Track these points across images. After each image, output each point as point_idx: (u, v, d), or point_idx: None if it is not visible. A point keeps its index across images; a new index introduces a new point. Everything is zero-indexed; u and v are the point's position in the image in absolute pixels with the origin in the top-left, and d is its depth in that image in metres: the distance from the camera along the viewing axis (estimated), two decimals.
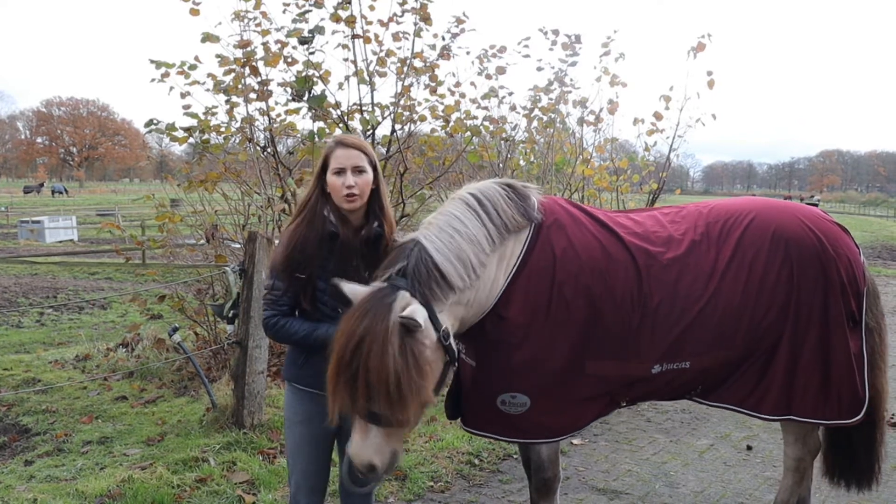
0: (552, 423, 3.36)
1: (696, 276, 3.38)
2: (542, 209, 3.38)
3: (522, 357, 3.22)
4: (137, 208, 34.88)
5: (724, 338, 3.39)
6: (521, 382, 3.25)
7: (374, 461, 2.81)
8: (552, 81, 9.08)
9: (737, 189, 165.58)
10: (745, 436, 6.05)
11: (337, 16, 6.84)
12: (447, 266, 3.03)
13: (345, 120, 7.10)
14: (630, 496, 4.87)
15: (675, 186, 14.37)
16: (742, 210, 3.59)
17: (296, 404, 3.18)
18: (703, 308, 3.35)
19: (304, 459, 3.19)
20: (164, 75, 6.80)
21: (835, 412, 3.50)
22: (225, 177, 6.89)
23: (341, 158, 3.02)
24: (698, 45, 9.06)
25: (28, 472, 4.99)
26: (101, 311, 13.60)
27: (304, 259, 2.99)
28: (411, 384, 2.75)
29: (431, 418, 6.15)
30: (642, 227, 3.53)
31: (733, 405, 3.56)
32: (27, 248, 25.79)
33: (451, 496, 4.82)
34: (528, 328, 3.21)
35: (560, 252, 3.27)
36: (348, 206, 3.03)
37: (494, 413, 3.34)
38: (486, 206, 3.24)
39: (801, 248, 3.43)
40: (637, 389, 3.47)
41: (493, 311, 3.22)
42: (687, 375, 3.44)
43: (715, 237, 3.48)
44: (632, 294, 3.32)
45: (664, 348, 3.34)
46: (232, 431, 5.54)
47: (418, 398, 2.79)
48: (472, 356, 3.36)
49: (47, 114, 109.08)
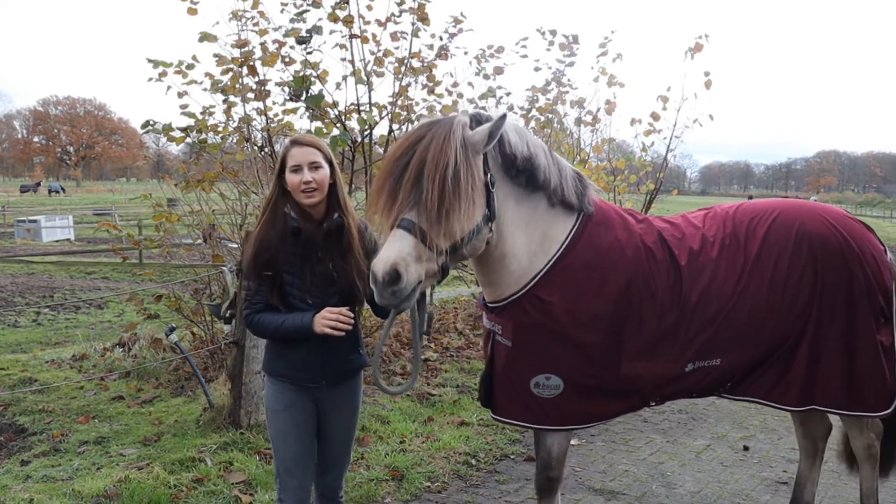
0: (580, 409, 3.39)
1: (727, 275, 3.44)
2: (593, 204, 3.43)
3: (562, 342, 3.27)
4: (134, 208, 34.86)
5: (753, 334, 3.46)
6: (558, 365, 3.29)
7: (400, 267, 2.74)
8: (550, 82, 9.08)
9: (734, 189, 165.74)
10: (741, 436, 6.06)
11: (335, 15, 6.83)
12: (513, 136, 3.15)
13: (342, 120, 7.09)
14: (627, 496, 4.87)
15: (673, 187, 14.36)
16: (766, 209, 3.64)
17: (277, 394, 3.29)
18: (734, 306, 3.41)
19: (289, 445, 3.28)
20: (161, 74, 6.78)
21: (861, 404, 3.59)
22: (222, 176, 6.87)
23: (297, 156, 3.14)
24: (696, 45, 9.07)
25: (24, 472, 4.98)
26: (97, 311, 13.59)
27: (269, 257, 3.13)
28: (468, 181, 2.84)
29: (428, 418, 6.15)
30: (679, 229, 3.59)
31: (758, 398, 3.63)
32: (24, 247, 25.76)
33: (448, 496, 4.82)
34: (571, 315, 3.25)
35: (606, 248, 3.32)
36: (308, 201, 3.14)
37: (526, 397, 3.36)
38: (558, 160, 3.35)
39: (825, 245, 3.48)
40: (669, 388, 3.52)
41: (533, 293, 3.25)
42: (717, 372, 3.51)
43: (742, 237, 3.54)
44: (671, 295, 3.37)
45: (697, 347, 3.41)
46: (229, 431, 5.54)
47: (470, 206, 2.85)
48: (510, 336, 3.35)
49: (44, 113, 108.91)
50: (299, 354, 3.22)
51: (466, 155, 2.89)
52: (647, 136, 9.78)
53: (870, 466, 4.01)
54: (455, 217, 2.82)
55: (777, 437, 6.01)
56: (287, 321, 3.13)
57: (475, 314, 10.34)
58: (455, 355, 8.29)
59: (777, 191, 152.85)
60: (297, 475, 3.30)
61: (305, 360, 3.23)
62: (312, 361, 3.23)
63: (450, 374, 7.53)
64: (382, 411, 6.20)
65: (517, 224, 3.23)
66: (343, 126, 7.02)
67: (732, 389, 3.64)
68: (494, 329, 3.43)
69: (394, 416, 6.12)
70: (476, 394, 6.90)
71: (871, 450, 3.97)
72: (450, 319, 9.79)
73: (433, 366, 7.77)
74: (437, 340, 8.75)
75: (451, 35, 7.64)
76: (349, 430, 3.48)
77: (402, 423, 6.00)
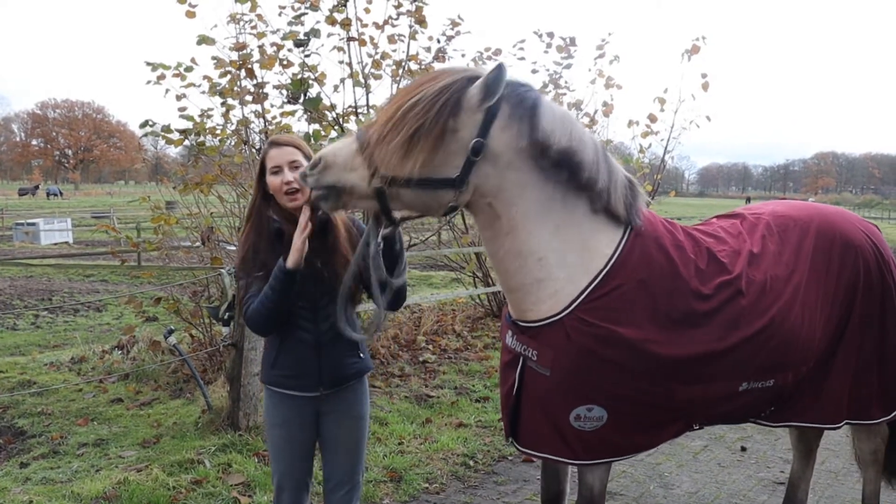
0: (622, 441, 3.06)
1: (782, 290, 3.23)
2: (643, 217, 3.07)
3: (611, 370, 2.92)
4: (133, 210, 34.85)
5: (806, 352, 3.25)
6: (604, 396, 2.94)
7: (325, 157, 2.71)
8: (547, 84, 9.10)
9: (732, 191, 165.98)
10: (739, 437, 6.07)
11: (332, 18, 6.86)
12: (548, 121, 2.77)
13: (340, 122, 7.12)
14: (625, 497, 4.89)
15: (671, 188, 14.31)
16: (801, 217, 3.47)
17: (272, 408, 3.19)
18: (792, 325, 3.19)
19: (284, 461, 3.20)
20: (159, 77, 6.80)
21: (882, 411, 3.54)
22: (220, 179, 6.89)
23: (276, 158, 3.03)
24: (693, 47, 9.10)
25: (24, 475, 4.99)
26: (96, 314, 13.58)
27: (257, 260, 3.04)
28: (417, 121, 2.60)
29: (426, 420, 6.16)
30: (725, 243, 3.32)
31: (795, 422, 3.44)
32: (22, 250, 25.77)
33: (446, 498, 4.84)
34: (624, 340, 2.92)
35: (658, 268, 2.98)
36: (292, 204, 3.01)
37: (564, 430, 2.99)
38: (611, 162, 2.98)
39: (864, 254, 3.40)
40: (718, 409, 3.24)
41: (577, 314, 2.88)
42: (768, 394, 3.27)
43: (790, 249, 3.34)
44: (730, 319, 3.08)
45: (755, 368, 3.16)
46: (227, 433, 5.54)
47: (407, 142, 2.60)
48: (549, 364, 2.95)
49: (42, 116, 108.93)
50: (294, 358, 3.09)
51: (442, 100, 2.62)
52: (644, 138, 9.81)
53: (874, 471, 4.01)
54: (389, 144, 2.61)
55: (774, 438, 6.02)
56: (268, 284, 2.96)
57: (473, 316, 10.37)
58: (453, 357, 8.30)
59: (775, 192, 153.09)
60: (289, 488, 3.21)
61: (301, 365, 3.08)
62: (308, 366, 3.08)
63: (448, 375, 7.54)
64: (380, 413, 6.21)
65: (542, 223, 2.86)
66: (341, 128, 7.05)
67: (774, 415, 3.41)
68: (527, 354, 3.01)
69: (392, 418, 6.13)
70: (474, 395, 6.94)
71: (877, 454, 3.97)
72: (448, 321, 9.81)
73: (431, 367, 7.79)
74: (436, 342, 8.77)
75: (449, 38, 7.69)
76: (355, 441, 3.25)
77: (400, 424, 6.01)
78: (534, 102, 2.76)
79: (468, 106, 2.67)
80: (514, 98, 2.73)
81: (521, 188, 2.81)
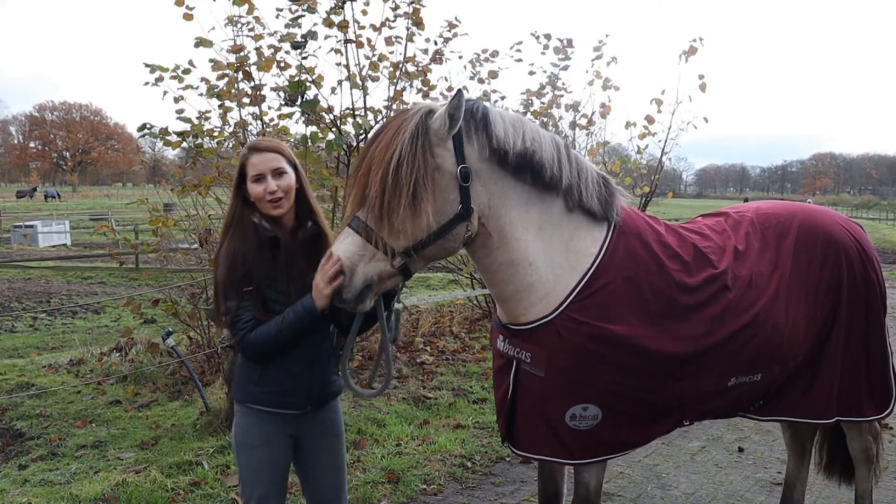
0: (615, 439, 3.10)
1: (766, 285, 3.28)
2: (622, 214, 3.12)
3: (604, 368, 2.96)
4: (131, 212, 34.87)
5: (792, 346, 3.31)
6: (598, 394, 2.98)
7: (342, 265, 2.64)
8: (544, 85, 9.11)
9: (730, 192, 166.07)
10: (736, 438, 6.09)
11: (330, 20, 6.86)
12: (500, 128, 2.83)
13: (338, 124, 7.12)
14: (622, 498, 4.90)
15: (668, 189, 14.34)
16: (783, 214, 3.53)
17: (252, 427, 2.97)
18: (777, 320, 3.25)
19: (263, 484, 2.98)
20: (157, 79, 6.80)
21: (873, 408, 3.59)
22: (218, 181, 6.88)
23: (258, 164, 2.89)
24: (690, 48, 9.10)
25: (22, 477, 5.00)
26: (94, 316, 13.58)
27: (247, 271, 2.83)
28: (412, 176, 2.59)
29: (424, 421, 6.17)
30: (710, 240, 3.37)
31: (786, 416, 3.50)
32: (20, 252, 25.75)
33: (444, 499, 4.85)
34: (615, 337, 2.97)
35: (644, 265, 3.03)
36: (276, 212, 2.90)
37: (561, 431, 3.02)
38: (579, 160, 3.02)
39: (847, 250, 3.45)
40: (708, 404, 3.29)
41: (567, 314, 2.93)
42: (757, 389, 3.33)
43: (772, 245, 3.40)
44: (717, 313, 3.13)
45: (742, 363, 3.21)
46: (226, 435, 5.55)
47: (411, 203, 2.61)
48: (543, 366, 2.98)
49: (40, 118, 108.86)
50: (286, 373, 2.91)
51: (418, 145, 2.64)
52: (641, 139, 9.80)
53: (866, 468, 4.03)
54: (398, 215, 2.61)
55: (772, 439, 6.04)
56: (287, 315, 2.77)
57: (470, 317, 10.37)
58: (451, 358, 8.31)
59: (773, 193, 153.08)
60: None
61: (293, 381, 2.93)
62: (299, 383, 2.94)
63: (445, 377, 7.55)
64: (378, 414, 6.22)
65: (526, 227, 2.91)
66: (338, 130, 7.05)
67: (763, 408, 3.48)
68: (520, 357, 3.04)
69: (389, 419, 6.14)
70: (472, 396, 6.95)
71: (868, 452, 3.99)
72: (445, 323, 9.81)
73: (429, 369, 7.79)
74: (433, 344, 8.78)
75: (446, 39, 7.68)
76: (336, 460, 3.16)
77: (397, 426, 6.01)
78: (483, 113, 2.83)
79: (437, 138, 2.73)
80: (467, 114, 2.79)
81: (504, 197, 2.88)
